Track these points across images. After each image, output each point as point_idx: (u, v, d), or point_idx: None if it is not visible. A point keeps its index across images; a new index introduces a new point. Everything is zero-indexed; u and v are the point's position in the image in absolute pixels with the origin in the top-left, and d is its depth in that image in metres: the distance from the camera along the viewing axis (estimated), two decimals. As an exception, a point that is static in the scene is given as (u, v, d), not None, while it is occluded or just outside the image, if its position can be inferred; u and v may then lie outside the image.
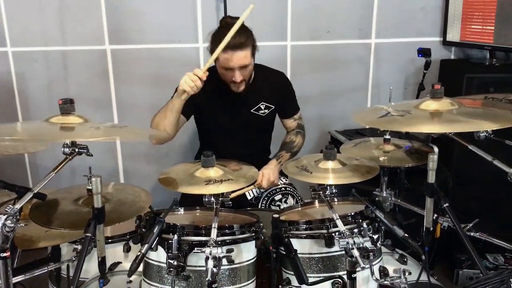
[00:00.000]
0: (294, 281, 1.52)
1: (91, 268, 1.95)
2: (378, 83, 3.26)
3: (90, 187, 1.57)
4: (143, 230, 1.47)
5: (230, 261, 1.23)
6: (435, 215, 1.80)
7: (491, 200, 2.78)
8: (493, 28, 2.82)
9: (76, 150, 1.36)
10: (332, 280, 1.44)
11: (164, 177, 1.45)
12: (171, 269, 1.33)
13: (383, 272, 1.49)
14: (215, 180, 1.37)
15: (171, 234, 1.39)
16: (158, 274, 1.44)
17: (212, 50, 2.10)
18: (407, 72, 3.26)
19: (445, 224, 1.92)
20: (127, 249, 1.93)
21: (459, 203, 2.60)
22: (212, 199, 1.39)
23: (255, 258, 1.53)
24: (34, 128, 1.36)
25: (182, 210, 1.63)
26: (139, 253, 1.30)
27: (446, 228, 1.93)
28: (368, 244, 1.26)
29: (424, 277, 1.61)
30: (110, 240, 1.94)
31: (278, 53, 3.08)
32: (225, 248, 1.23)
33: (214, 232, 1.28)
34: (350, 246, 1.24)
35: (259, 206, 2.25)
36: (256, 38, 2.16)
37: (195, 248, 1.28)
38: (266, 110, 2.32)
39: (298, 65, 3.11)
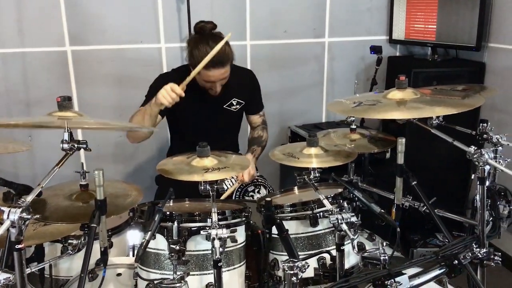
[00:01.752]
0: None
1: (73, 266, 1.98)
2: (332, 79, 3.46)
3: (83, 183, 1.63)
4: (141, 220, 1.54)
5: (234, 241, 1.34)
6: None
7: (439, 185, 3.05)
8: (435, 27, 3.09)
9: (76, 145, 1.41)
10: (317, 256, 1.58)
11: (162, 167, 1.53)
12: (173, 254, 1.42)
13: (361, 246, 1.65)
14: (213, 168, 1.47)
15: (169, 222, 1.48)
16: (157, 261, 1.52)
17: (190, 61, 2.21)
18: (358, 68, 3.49)
19: (406, 204, 2.12)
20: (109, 245, 1.98)
21: (411, 188, 2.85)
22: (208, 186, 1.48)
23: (245, 242, 1.64)
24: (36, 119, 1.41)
25: (172, 201, 1.71)
26: (144, 240, 1.37)
27: (407, 208, 2.13)
28: (354, 219, 1.41)
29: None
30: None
31: (238, 52, 3.15)
32: (228, 229, 1.34)
33: (215, 216, 1.38)
34: (339, 221, 1.39)
35: (233, 198, 2.35)
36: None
37: (201, 231, 1.37)
38: (237, 106, 2.44)
39: (258, 64, 3.24)
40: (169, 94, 2.05)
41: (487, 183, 1.99)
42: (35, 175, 3.05)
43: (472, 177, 2.08)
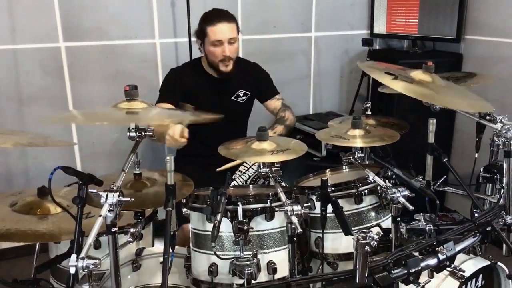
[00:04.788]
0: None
1: (103, 260, 1.98)
2: (319, 73, 3.59)
3: (137, 172, 1.64)
4: (195, 205, 1.59)
5: (307, 217, 1.42)
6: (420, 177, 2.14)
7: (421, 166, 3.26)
8: (416, 20, 3.29)
9: (143, 133, 1.43)
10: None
11: (226, 151, 1.58)
12: (239, 234, 1.48)
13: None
14: (277, 150, 1.54)
15: (230, 205, 1.53)
16: (218, 243, 1.56)
17: (201, 35, 2.34)
18: (342, 61, 3.65)
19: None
20: (140, 237, 1.99)
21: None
22: (267, 168, 1.56)
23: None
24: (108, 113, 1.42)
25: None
26: (216, 221, 1.42)
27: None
28: (407, 192, 1.53)
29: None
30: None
31: (231, 47, 3.25)
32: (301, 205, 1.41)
33: (283, 195, 1.45)
34: (397, 195, 1.50)
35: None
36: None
37: (279, 208, 1.44)
38: (244, 97, 2.51)
39: (249, 58, 3.25)
40: (175, 141, 2.02)
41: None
42: (27, 174, 2.97)
43: (476, 156, 2.27)
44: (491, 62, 3.10)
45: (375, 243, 1.35)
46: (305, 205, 1.40)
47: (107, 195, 1.19)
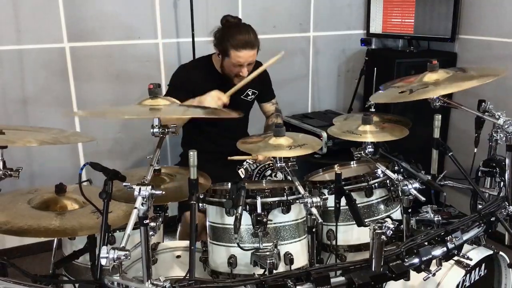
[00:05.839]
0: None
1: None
2: (317, 72, 3.67)
3: (156, 167, 1.69)
4: (213, 199, 1.65)
5: (325, 207, 1.48)
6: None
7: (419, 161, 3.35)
8: (412, 20, 3.38)
9: (166, 130, 1.49)
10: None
11: (244, 145, 1.64)
12: (258, 226, 1.54)
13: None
14: (294, 145, 1.60)
15: (249, 198, 1.59)
16: (238, 235, 1.62)
17: (223, 51, 2.35)
18: (339, 61, 3.73)
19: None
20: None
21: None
22: (283, 163, 1.62)
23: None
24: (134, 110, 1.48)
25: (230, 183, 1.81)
26: (238, 214, 1.48)
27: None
28: (417, 185, 1.61)
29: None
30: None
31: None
32: (320, 198, 1.48)
33: (301, 188, 1.52)
34: (409, 188, 1.58)
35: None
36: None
37: (298, 201, 1.51)
38: (252, 96, 2.58)
39: None
40: (216, 102, 2.19)
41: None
42: (32, 173, 2.99)
43: (475, 151, 2.35)
44: (485, 61, 3.20)
45: (391, 232, 1.42)
46: (323, 197, 1.46)
47: (140, 188, 1.24)
